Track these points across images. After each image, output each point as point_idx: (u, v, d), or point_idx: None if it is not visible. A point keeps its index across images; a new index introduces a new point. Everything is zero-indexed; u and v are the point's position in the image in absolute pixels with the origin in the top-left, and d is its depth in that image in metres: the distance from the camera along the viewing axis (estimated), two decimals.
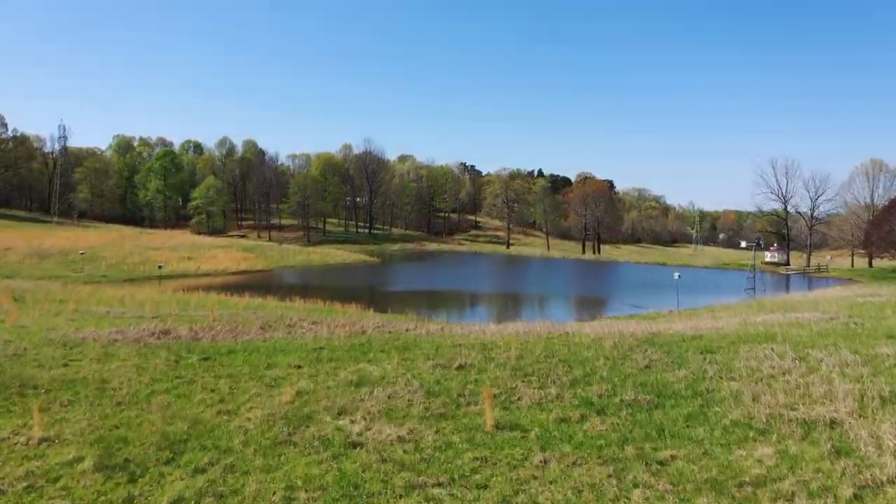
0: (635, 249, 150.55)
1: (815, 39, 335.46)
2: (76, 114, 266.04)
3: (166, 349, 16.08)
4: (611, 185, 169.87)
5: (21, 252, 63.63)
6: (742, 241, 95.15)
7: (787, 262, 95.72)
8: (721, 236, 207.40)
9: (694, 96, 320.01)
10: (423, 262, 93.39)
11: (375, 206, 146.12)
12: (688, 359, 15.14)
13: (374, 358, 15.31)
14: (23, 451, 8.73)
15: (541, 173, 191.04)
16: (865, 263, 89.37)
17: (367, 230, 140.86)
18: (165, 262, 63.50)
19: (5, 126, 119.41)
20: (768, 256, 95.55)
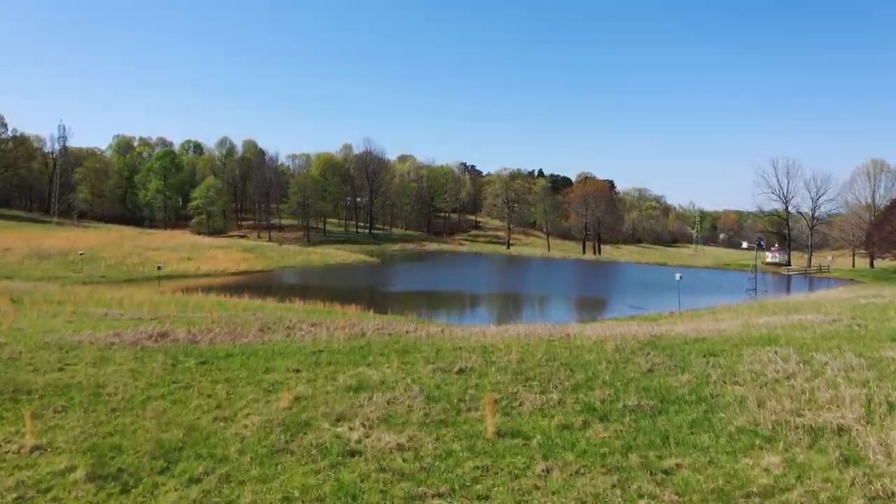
0: (636, 250, 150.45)
1: (815, 39, 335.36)
2: (76, 114, 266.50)
3: (163, 353, 15.91)
4: (611, 185, 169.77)
5: (20, 253, 63.53)
6: (743, 242, 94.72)
7: (789, 263, 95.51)
8: (721, 236, 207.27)
9: (694, 96, 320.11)
10: (424, 263, 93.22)
11: (376, 207, 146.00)
12: (691, 362, 14.96)
13: (374, 362, 15.13)
14: (14, 461, 8.55)
15: (541, 173, 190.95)
16: (867, 264, 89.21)
17: (367, 230, 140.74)
18: (165, 262, 63.40)
19: (5, 126, 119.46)
20: (769, 257, 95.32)
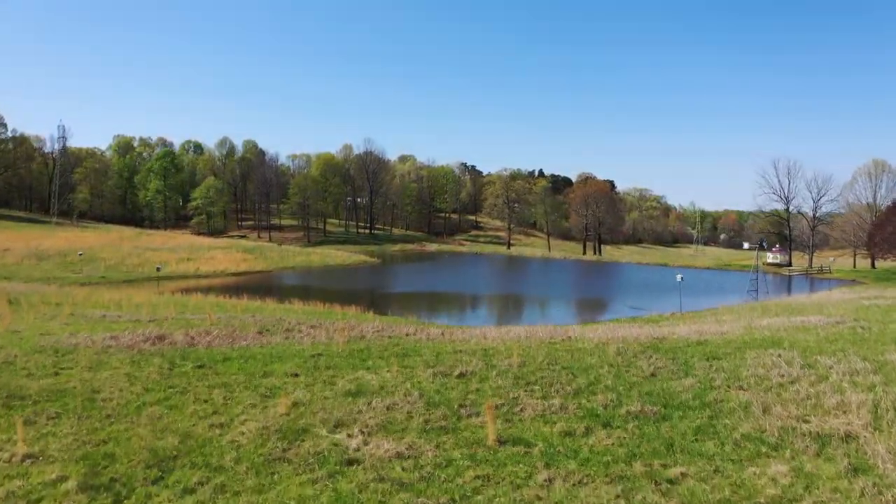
0: (636, 250, 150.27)
1: (815, 39, 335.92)
2: (76, 114, 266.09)
3: (160, 356, 15.74)
4: (612, 185, 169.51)
5: (19, 253, 63.36)
6: (745, 242, 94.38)
7: (790, 263, 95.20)
8: (722, 236, 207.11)
9: (694, 96, 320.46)
10: (424, 263, 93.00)
11: (376, 207, 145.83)
12: (694, 366, 14.79)
13: (373, 365, 14.96)
14: (5, 470, 8.35)
15: (541, 173, 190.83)
16: (868, 264, 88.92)
17: (367, 231, 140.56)
18: (164, 263, 63.23)
19: (5, 126, 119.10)
20: (770, 257, 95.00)
